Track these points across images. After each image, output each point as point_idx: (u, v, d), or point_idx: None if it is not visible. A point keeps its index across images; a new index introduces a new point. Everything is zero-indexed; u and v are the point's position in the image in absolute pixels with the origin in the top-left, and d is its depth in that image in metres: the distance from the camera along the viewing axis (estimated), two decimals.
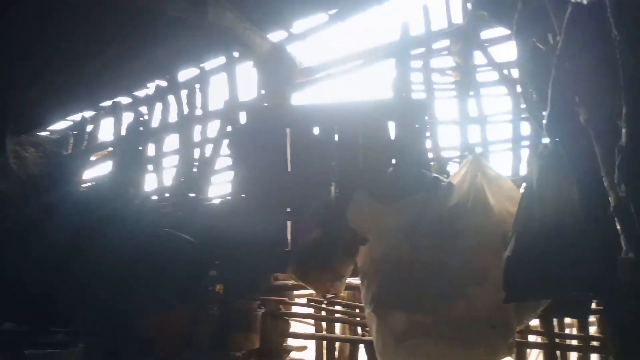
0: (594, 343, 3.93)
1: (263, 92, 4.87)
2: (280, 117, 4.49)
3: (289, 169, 4.37)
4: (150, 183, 5.50)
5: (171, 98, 5.55)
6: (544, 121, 2.04)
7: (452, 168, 4.24)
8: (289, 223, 4.38)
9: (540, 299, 2.35)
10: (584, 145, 1.88)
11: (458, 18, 4.50)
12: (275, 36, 5.00)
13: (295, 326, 4.78)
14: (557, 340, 4.01)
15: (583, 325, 4.02)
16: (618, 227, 1.51)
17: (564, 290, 2.24)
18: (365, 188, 3.87)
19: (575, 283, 2.12)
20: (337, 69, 4.93)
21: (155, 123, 5.66)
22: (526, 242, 2.24)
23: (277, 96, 4.78)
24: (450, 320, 3.29)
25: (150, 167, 5.55)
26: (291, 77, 4.88)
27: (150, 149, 5.59)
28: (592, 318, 4.03)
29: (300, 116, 4.43)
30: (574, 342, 4.02)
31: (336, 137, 4.27)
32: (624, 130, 1.28)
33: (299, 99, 5.02)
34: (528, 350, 4.25)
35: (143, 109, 5.79)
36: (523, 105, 4.32)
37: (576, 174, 2.00)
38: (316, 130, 4.32)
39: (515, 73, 4.48)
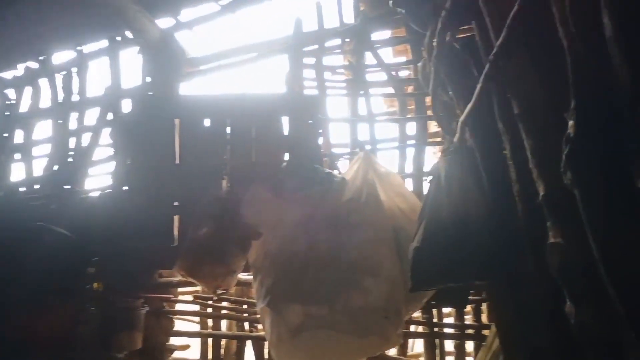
0: (470, 331, 4.23)
1: (149, 79, 4.65)
2: (168, 107, 4.33)
3: (177, 162, 4.22)
4: (17, 173, 5.05)
5: (44, 81, 5.12)
6: (462, 117, 2.16)
7: (343, 164, 4.33)
8: (176, 217, 4.23)
9: (445, 285, 2.47)
10: (496, 140, 2.02)
11: (350, 18, 4.60)
12: (162, 22, 4.80)
13: (179, 324, 4.63)
14: (436, 329, 4.26)
15: (460, 315, 4.31)
16: (546, 213, 1.64)
17: (467, 277, 2.38)
18: (258, 182, 3.84)
19: (478, 270, 2.26)
20: (229, 61, 4.84)
21: (24, 108, 5.19)
22: (433, 232, 2.35)
23: (164, 85, 4.59)
24: (345, 311, 3.36)
25: (17, 155, 5.09)
26: (180, 66, 4.72)
27: (18, 136, 5.13)
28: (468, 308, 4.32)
29: (190, 107, 4.29)
30: (452, 331, 4.29)
31: (228, 130, 4.19)
32: (570, 122, 1.39)
33: (188, 89, 4.87)
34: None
35: (10, 92, 5.29)
36: (410, 106, 4.56)
37: (487, 167, 2.14)
38: (207, 122, 4.22)
39: (403, 74, 4.70)
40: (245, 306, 4.53)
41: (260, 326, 4.34)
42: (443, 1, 2.11)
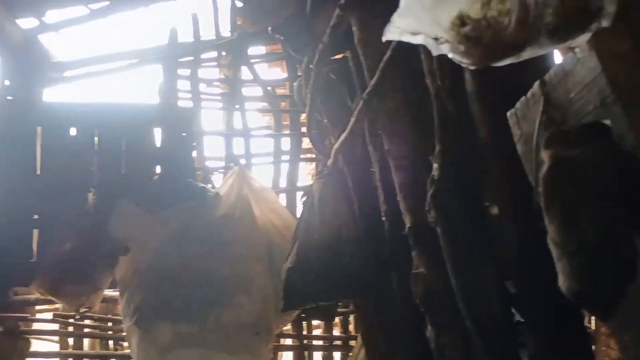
0: (337, 342, 4.37)
1: (8, 83, 4.34)
2: (29, 113, 4.05)
3: (38, 172, 3.96)
4: None
5: None
6: (336, 145, 2.25)
7: (217, 179, 4.31)
8: (35, 231, 3.96)
9: (316, 304, 2.56)
10: (368, 168, 2.14)
11: (227, 31, 4.59)
12: (25, 23, 4.49)
13: (37, 344, 4.35)
14: (305, 341, 4.36)
15: (328, 327, 4.44)
16: (412, 244, 1.76)
17: (337, 296, 2.49)
18: (128, 196, 3.73)
19: (348, 290, 2.37)
20: (99, 68, 4.63)
21: None
22: (306, 253, 2.42)
23: (26, 90, 4.30)
24: (217, 328, 3.36)
25: None
26: (44, 70, 4.44)
27: None
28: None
29: (54, 114, 4.04)
30: (320, 343, 4.42)
31: (96, 141, 4.01)
32: (435, 165, 1.51)
33: (52, 95, 4.59)
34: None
35: None
36: (285, 122, 4.65)
37: (359, 193, 2.25)
38: (73, 132, 4.00)
39: (279, 91, 4.78)
40: (110, 324, 4.35)
41: (126, 344, 4.19)
42: (321, 33, 2.20)
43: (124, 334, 3.80)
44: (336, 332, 4.52)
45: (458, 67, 1.37)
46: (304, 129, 4.43)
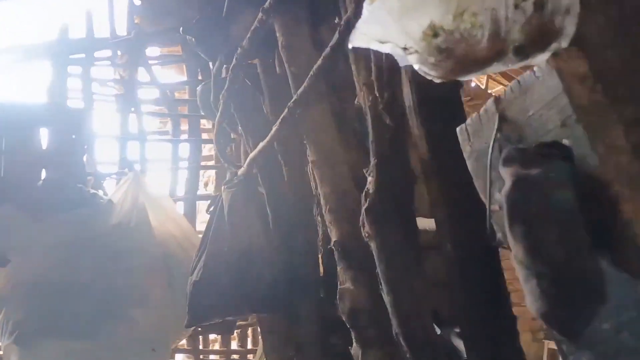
0: (235, 356, 4.26)
1: None
2: None
3: None
4: None
5: None
6: (252, 154, 2.16)
7: (110, 184, 4.05)
8: None
9: (222, 318, 2.45)
10: (282, 179, 2.08)
11: (124, 30, 4.34)
12: None
13: None
14: (202, 356, 4.20)
15: (226, 341, 4.31)
16: (338, 258, 1.70)
17: (247, 310, 2.39)
18: (8, 201, 3.42)
19: (258, 304, 2.29)
20: None
21: None
22: (214, 265, 2.31)
23: None
24: (110, 344, 3.16)
25: None
26: None
27: None
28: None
29: None
30: (217, 357, 4.28)
31: None
32: (370, 179, 1.47)
33: None
34: None
35: None
36: (184, 127, 4.47)
37: (273, 204, 2.18)
38: None
39: (178, 94, 4.59)
40: None
41: None
42: (237, 37, 2.11)
43: (1, 353, 3.47)
44: (234, 345, 4.41)
45: (396, 79, 1.36)
46: (204, 135, 4.31)
